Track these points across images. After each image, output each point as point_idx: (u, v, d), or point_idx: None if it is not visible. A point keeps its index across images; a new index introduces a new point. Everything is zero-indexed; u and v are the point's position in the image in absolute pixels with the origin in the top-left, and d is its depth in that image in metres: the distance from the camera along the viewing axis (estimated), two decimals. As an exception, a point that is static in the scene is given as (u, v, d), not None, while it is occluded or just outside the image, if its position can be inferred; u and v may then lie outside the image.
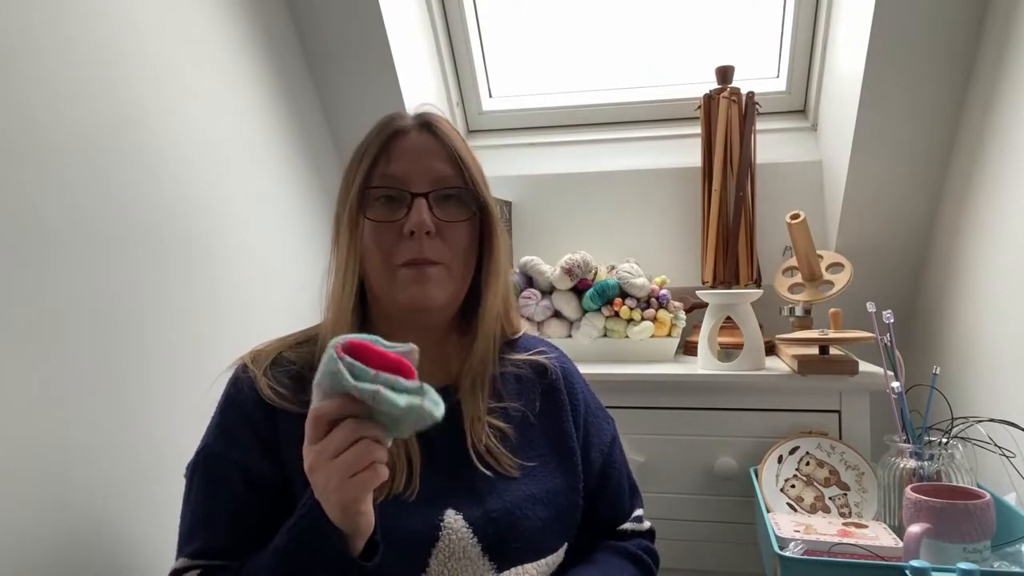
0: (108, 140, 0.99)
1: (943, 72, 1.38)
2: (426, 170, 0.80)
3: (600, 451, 0.89)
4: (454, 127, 0.85)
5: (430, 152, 0.81)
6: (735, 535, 1.36)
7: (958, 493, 0.96)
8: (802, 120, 1.75)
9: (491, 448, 0.80)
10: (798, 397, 1.34)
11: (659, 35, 1.79)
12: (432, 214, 0.78)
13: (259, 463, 0.77)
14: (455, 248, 0.80)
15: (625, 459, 0.94)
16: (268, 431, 0.77)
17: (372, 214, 0.79)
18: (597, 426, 0.91)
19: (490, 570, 0.75)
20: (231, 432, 0.78)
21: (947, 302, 1.46)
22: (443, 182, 0.80)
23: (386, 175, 0.79)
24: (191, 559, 0.74)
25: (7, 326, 0.81)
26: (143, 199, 1.05)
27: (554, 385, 0.89)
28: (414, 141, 0.81)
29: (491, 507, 0.77)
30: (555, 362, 0.91)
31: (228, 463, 0.77)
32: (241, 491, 0.76)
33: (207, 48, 1.25)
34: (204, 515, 0.76)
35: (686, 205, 1.70)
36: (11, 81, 0.84)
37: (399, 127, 0.82)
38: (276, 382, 0.79)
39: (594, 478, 0.88)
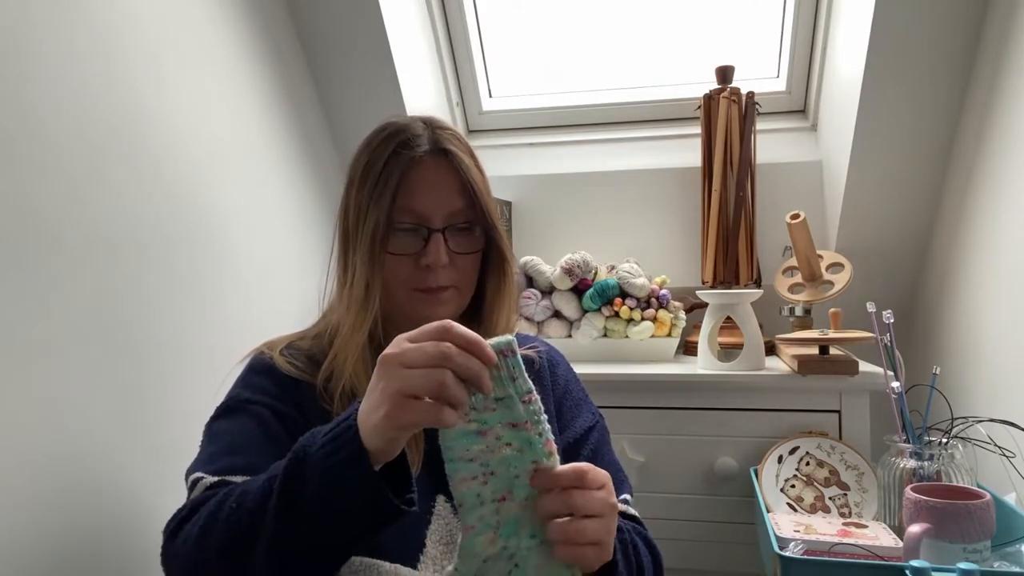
0: (108, 140, 0.99)
1: (943, 72, 1.38)
2: (443, 205, 0.83)
3: (573, 434, 0.90)
4: (465, 145, 0.87)
5: (447, 184, 0.83)
6: (735, 535, 1.36)
7: (958, 493, 0.97)
8: (802, 120, 1.75)
9: None
10: (798, 397, 1.34)
11: (659, 35, 1.79)
12: (447, 247, 0.82)
13: (286, 411, 0.79)
14: (464, 271, 0.85)
15: (612, 454, 0.94)
16: (292, 403, 0.80)
17: (393, 247, 0.82)
18: (572, 411, 0.93)
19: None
20: (258, 386, 0.80)
21: (947, 302, 1.46)
22: (458, 216, 0.84)
23: (406, 209, 0.81)
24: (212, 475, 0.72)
25: (7, 326, 0.81)
26: (143, 199, 1.05)
27: (539, 373, 0.92)
28: (431, 172, 0.83)
29: None
30: (542, 353, 0.94)
31: (256, 403, 0.78)
32: (270, 421, 0.77)
33: (208, 48, 1.25)
34: (227, 443, 0.76)
35: (686, 205, 1.70)
36: (11, 81, 0.84)
37: (415, 156, 0.82)
38: (293, 359, 0.83)
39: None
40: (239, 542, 0.61)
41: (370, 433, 0.58)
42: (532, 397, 0.60)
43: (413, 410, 0.56)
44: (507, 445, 0.61)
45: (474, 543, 0.62)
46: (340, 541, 0.61)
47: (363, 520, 0.60)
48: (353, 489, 0.58)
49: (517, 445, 0.61)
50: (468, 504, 0.62)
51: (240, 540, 0.61)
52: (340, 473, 0.58)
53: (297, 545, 0.60)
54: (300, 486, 0.59)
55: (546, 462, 0.61)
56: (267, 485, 0.61)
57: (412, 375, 0.56)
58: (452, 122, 1.85)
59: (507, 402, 0.60)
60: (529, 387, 0.60)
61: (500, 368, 0.59)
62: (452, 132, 0.86)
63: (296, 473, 0.60)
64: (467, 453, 0.60)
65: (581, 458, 0.89)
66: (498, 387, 0.59)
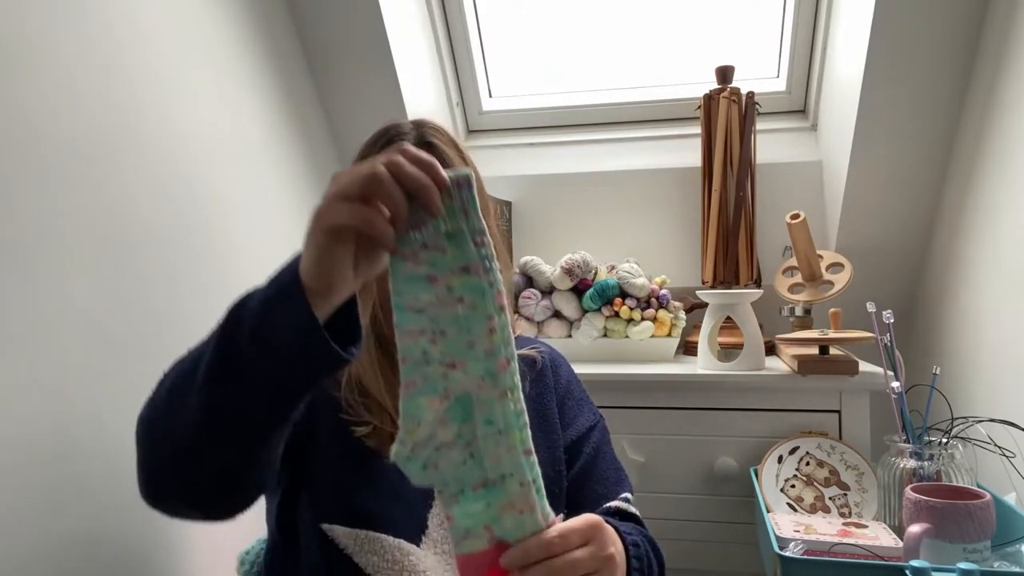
0: (108, 140, 0.99)
1: (943, 72, 1.38)
2: None
3: (575, 432, 0.92)
4: (450, 139, 0.87)
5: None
6: (735, 535, 1.36)
7: (958, 493, 0.97)
8: (802, 120, 1.75)
9: None
10: (798, 397, 1.34)
11: (659, 35, 1.79)
12: None
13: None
14: None
15: (612, 453, 0.96)
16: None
17: None
18: (574, 410, 0.95)
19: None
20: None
21: (947, 302, 1.46)
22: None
23: None
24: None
25: (7, 326, 0.81)
26: (143, 199, 1.05)
27: (542, 372, 0.94)
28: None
29: None
30: (544, 354, 0.96)
31: None
32: None
33: (207, 48, 1.25)
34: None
35: (686, 205, 1.70)
36: (11, 81, 0.84)
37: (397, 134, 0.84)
38: None
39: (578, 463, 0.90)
40: (183, 381, 0.60)
41: (305, 266, 0.55)
42: (484, 239, 0.57)
43: (337, 211, 0.53)
44: (459, 301, 0.57)
45: (416, 404, 0.58)
46: (273, 384, 0.57)
47: (295, 360, 0.55)
48: (286, 321, 0.55)
49: (469, 299, 0.57)
50: (412, 359, 0.57)
51: (184, 379, 0.60)
52: (274, 306, 0.56)
53: (232, 387, 0.57)
54: (238, 322, 0.57)
55: (497, 319, 0.57)
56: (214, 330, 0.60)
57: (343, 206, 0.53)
58: (452, 122, 1.86)
59: (459, 240, 0.56)
60: (482, 227, 0.56)
61: (452, 198, 0.55)
62: (437, 128, 0.87)
63: (237, 311, 0.58)
64: (416, 302, 0.57)
65: (583, 456, 0.91)
66: (450, 219, 0.56)
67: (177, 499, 0.63)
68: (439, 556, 0.77)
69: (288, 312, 0.55)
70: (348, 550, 0.75)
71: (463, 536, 0.58)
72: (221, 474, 0.60)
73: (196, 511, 0.64)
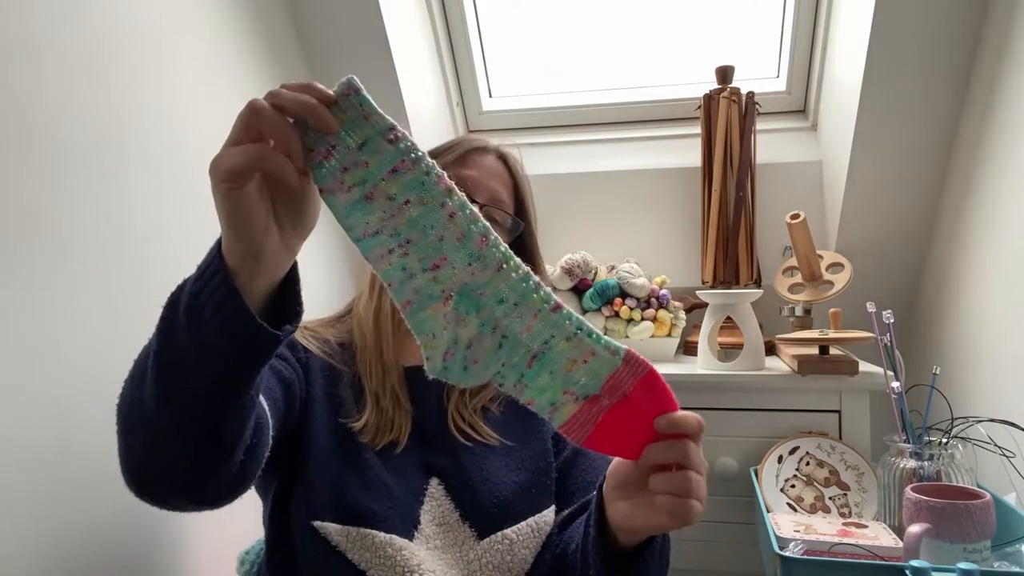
0: (107, 140, 0.99)
1: (943, 72, 1.38)
2: (490, 188, 0.93)
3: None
4: (523, 167, 0.99)
5: (500, 176, 0.95)
6: (735, 535, 1.36)
7: (958, 493, 0.97)
8: (802, 120, 1.75)
9: (472, 421, 0.87)
10: (798, 397, 1.34)
11: (659, 35, 1.79)
12: None
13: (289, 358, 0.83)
14: None
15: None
16: (302, 362, 0.84)
17: None
18: None
19: (471, 536, 0.80)
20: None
21: (947, 302, 1.46)
22: (499, 204, 0.94)
23: (458, 176, 0.88)
24: None
25: (7, 327, 0.81)
26: (142, 199, 1.05)
27: None
28: (491, 162, 0.96)
29: (469, 475, 0.82)
30: None
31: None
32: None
33: (207, 48, 1.25)
34: None
35: (686, 205, 1.70)
36: (10, 81, 0.84)
37: (481, 145, 0.95)
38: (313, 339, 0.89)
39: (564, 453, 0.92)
40: (139, 368, 0.60)
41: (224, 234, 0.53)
42: (397, 134, 0.54)
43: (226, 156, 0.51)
44: (406, 204, 0.54)
45: (420, 320, 0.57)
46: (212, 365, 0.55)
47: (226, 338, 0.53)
48: (211, 299, 0.53)
49: (415, 197, 0.54)
50: (395, 280, 0.56)
51: (139, 366, 0.60)
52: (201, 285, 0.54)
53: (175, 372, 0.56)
54: (175, 305, 0.56)
55: (450, 202, 0.55)
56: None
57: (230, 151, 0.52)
58: (452, 122, 1.86)
59: (371, 146, 0.53)
60: (389, 123, 0.54)
61: (347, 110, 0.53)
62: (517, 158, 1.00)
63: (175, 294, 0.57)
64: (368, 227, 0.55)
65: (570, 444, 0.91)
66: (354, 131, 0.53)
67: (157, 483, 0.62)
68: (431, 551, 0.78)
69: (213, 287, 0.53)
70: (341, 547, 0.75)
71: (551, 411, 0.58)
72: (192, 455, 0.59)
73: (179, 495, 0.63)
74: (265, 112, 0.51)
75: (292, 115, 0.53)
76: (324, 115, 0.53)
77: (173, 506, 0.65)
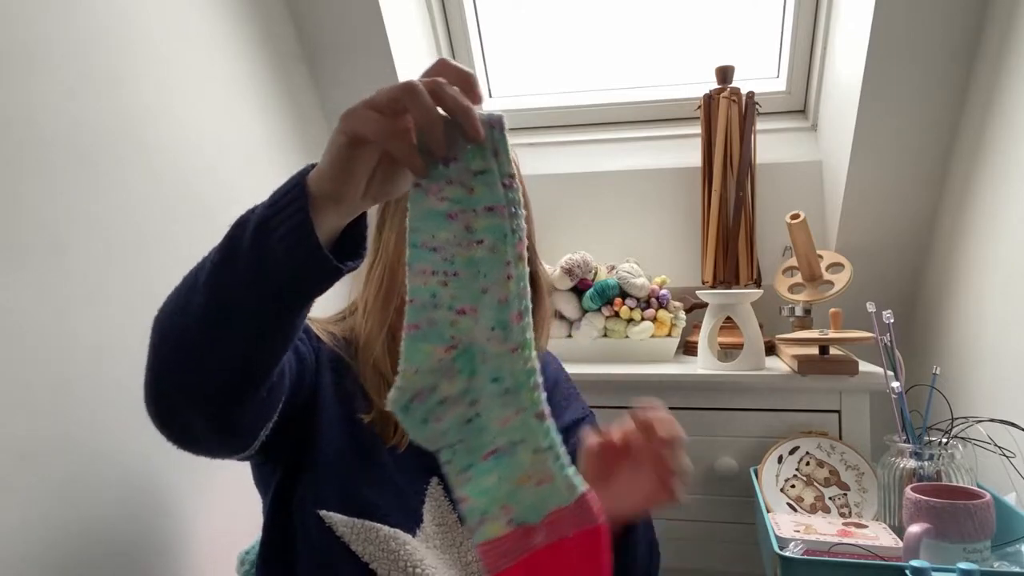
0: (106, 140, 0.99)
1: (943, 72, 1.38)
2: None
3: (562, 424, 0.92)
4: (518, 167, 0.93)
5: None
6: (735, 535, 1.36)
7: (958, 493, 0.96)
8: (802, 120, 1.75)
9: None
10: (798, 397, 1.34)
11: (659, 35, 1.79)
12: None
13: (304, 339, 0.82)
14: None
15: None
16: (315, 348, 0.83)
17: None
18: (561, 404, 0.96)
19: (469, 538, 0.80)
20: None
21: (947, 302, 1.46)
22: None
23: None
24: None
25: (8, 327, 0.81)
26: (142, 199, 1.05)
27: None
28: None
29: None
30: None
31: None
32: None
33: (206, 47, 1.25)
34: None
35: (686, 205, 1.70)
36: (10, 81, 0.84)
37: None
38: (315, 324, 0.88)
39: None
40: (192, 280, 0.60)
41: (319, 167, 0.55)
42: (514, 183, 0.53)
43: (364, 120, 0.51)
44: (478, 243, 0.53)
45: (416, 349, 0.55)
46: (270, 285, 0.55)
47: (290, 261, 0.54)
48: (284, 221, 0.54)
49: (489, 242, 0.53)
50: (419, 300, 0.54)
51: (193, 277, 0.60)
52: (278, 207, 0.55)
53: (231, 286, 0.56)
54: (244, 223, 0.57)
55: (514, 268, 0.53)
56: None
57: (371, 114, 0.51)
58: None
59: (487, 178, 0.53)
60: (512, 171, 0.53)
61: (484, 138, 0.52)
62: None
63: (247, 213, 0.58)
64: (432, 240, 0.54)
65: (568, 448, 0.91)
66: (479, 157, 0.53)
67: (178, 398, 0.60)
68: (431, 549, 0.78)
69: (288, 213, 0.54)
70: (345, 538, 0.75)
71: (479, 520, 0.53)
72: (223, 373, 0.58)
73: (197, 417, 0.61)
74: (422, 98, 0.51)
75: (447, 109, 0.52)
76: (476, 122, 0.52)
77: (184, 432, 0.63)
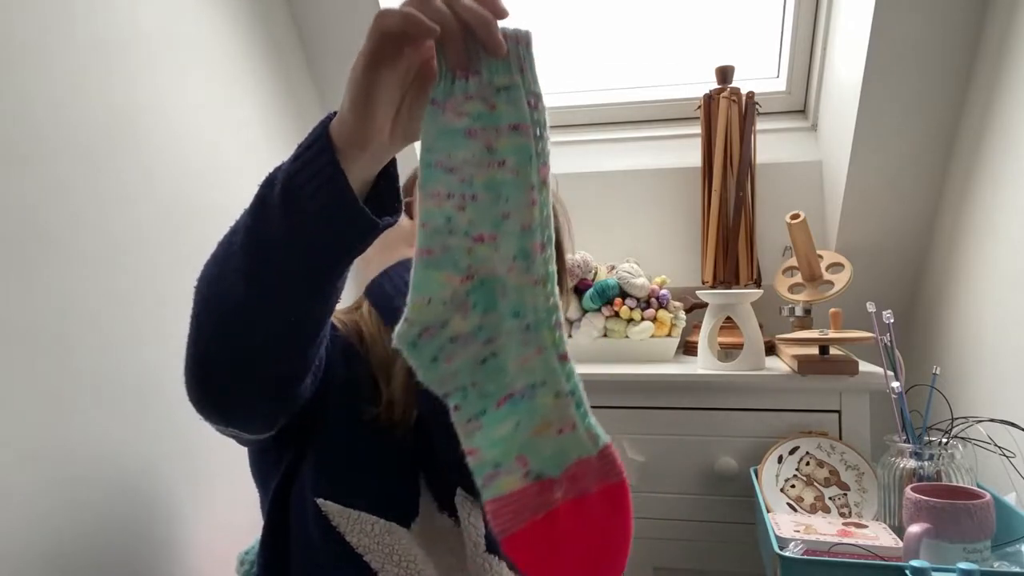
0: (105, 140, 0.99)
1: (943, 72, 1.38)
2: None
3: None
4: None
5: None
6: (735, 535, 1.36)
7: (958, 493, 0.97)
8: (802, 120, 1.75)
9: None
10: (798, 397, 1.34)
11: (659, 35, 1.79)
12: None
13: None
14: None
15: None
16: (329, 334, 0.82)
17: None
18: None
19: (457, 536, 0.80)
20: None
21: (947, 302, 1.46)
22: None
23: None
24: None
25: (7, 328, 0.81)
26: (141, 199, 1.05)
27: None
28: None
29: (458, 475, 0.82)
30: None
31: None
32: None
33: (207, 49, 1.25)
34: None
35: (686, 205, 1.70)
36: (9, 81, 0.84)
37: None
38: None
39: None
40: (227, 245, 0.58)
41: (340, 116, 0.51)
42: (540, 104, 0.49)
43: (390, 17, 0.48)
44: (500, 164, 0.48)
45: (428, 278, 0.50)
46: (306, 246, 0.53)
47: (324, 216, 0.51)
48: (313, 176, 0.51)
49: (512, 163, 0.48)
50: (432, 225, 0.49)
51: (228, 242, 0.58)
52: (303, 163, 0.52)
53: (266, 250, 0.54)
54: (272, 183, 0.54)
55: (538, 193, 0.49)
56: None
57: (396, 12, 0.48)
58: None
59: (511, 95, 0.48)
60: (538, 90, 0.49)
61: (509, 52, 0.48)
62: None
63: (273, 173, 0.55)
64: (448, 159, 0.49)
65: None
66: (502, 71, 0.48)
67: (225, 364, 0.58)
68: (422, 544, 0.78)
69: (317, 167, 0.50)
70: (340, 528, 0.75)
71: (491, 474, 0.48)
72: (268, 336, 0.56)
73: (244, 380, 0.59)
74: (433, 4, 0.48)
75: (464, 20, 0.48)
76: (496, 33, 0.48)
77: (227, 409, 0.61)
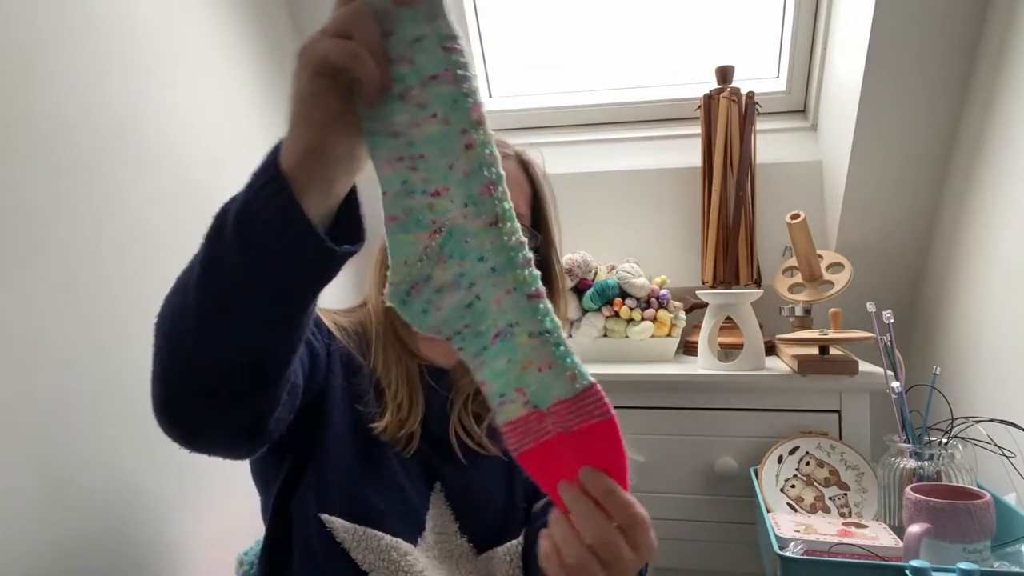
0: (105, 140, 0.99)
1: (943, 72, 1.38)
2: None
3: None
4: (545, 175, 0.91)
5: (519, 184, 0.86)
6: (735, 535, 1.36)
7: (958, 493, 0.97)
8: (802, 120, 1.75)
9: (471, 429, 0.85)
10: (798, 397, 1.34)
11: (659, 35, 1.79)
12: None
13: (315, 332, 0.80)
14: None
15: None
16: (326, 345, 0.81)
17: None
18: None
19: (469, 551, 0.80)
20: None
21: (947, 302, 1.46)
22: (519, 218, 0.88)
23: None
24: None
25: (7, 328, 0.81)
26: (141, 200, 1.05)
27: None
28: (511, 168, 0.86)
29: (469, 486, 0.82)
30: None
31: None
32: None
33: (206, 48, 1.25)
34: None
35: (686, 205, 1.70)
36: (9, 81, 0.84)
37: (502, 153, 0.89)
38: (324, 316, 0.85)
39: None
40: (185, 279, 0.56)
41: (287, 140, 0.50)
42: (454, 46, 0.49)
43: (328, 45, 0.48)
44: (432, 117, 0.49)
45: (398, 241, 0.51)
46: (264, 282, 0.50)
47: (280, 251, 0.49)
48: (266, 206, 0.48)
49: (442, 113, 0.49)
50: (391, 192, 0.50)
51: (185, 276, 0.56)
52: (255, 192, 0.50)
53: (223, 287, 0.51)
54: (225, 213, 0.52)
55: (474, 134, 0.49)
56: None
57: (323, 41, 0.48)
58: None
59: (424, 45, 0.49)
60: (452, 32, 0.49)
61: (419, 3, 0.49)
62: (538, 162, 0.91)
63: (227, 204, 0.53)
64: (390, 125, 0.50)
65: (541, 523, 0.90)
66: (412, 24, 0.49)
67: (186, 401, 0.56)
68: (431, 559, 0.77)
69: (269, 193, 0.48)
70: (345, 544, 0.73)
71: (500, 403, 0.52)
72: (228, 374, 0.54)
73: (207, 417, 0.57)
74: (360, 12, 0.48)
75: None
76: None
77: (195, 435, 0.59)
